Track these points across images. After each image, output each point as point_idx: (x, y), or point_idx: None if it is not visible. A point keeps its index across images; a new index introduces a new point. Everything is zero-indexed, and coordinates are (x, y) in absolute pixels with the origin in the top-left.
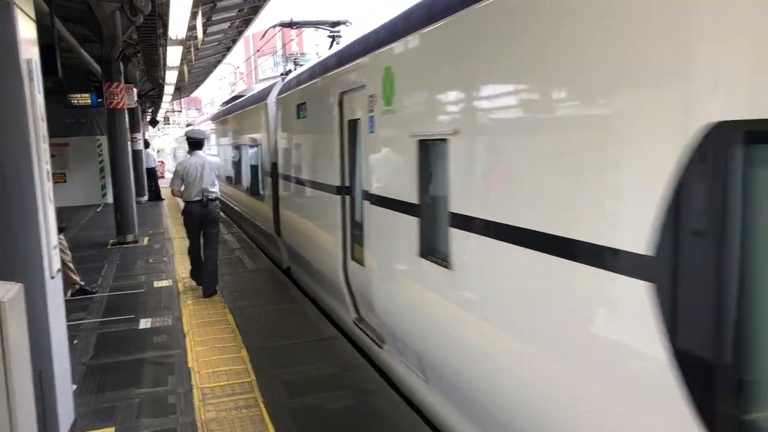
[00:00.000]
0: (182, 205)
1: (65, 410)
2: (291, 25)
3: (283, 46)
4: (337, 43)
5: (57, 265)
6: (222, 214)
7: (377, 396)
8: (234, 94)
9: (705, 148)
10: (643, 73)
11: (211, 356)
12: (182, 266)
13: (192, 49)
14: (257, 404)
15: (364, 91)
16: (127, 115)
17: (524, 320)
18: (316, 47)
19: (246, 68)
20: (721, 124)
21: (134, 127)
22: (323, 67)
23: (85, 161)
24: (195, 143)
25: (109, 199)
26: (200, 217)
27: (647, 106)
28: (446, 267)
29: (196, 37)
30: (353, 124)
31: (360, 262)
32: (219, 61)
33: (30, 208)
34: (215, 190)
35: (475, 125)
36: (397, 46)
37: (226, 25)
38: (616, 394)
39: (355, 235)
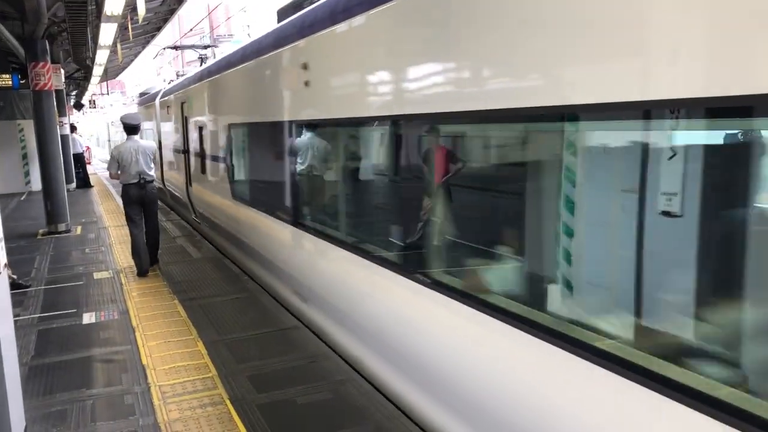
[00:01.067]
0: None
1: (16, 416)
2: (175, 47)
3: (211, 30)
4: (204, 63)
5: (4, 259)
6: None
7: (348, 386)
8: (142, 91)
9: (228, 129)
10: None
11: (166, 351)
12: (122, 256)
13: (129, 25)
14: (223, 401)
15: (187, 103)
16: (54, 98)
17: (216, 184)
18: (247, 28)
19: (173, 51)
20: (229, 124)
21: (60, 111)
22: (177, 88)
23: (5, 147)
24: (131, 128)
25: (34, 186)
26: (138, 199)
27: (222, 121)
28: (204, 174)
29: (136, 13)
30: (186, 119)
31: (191, 185)
32: (148, 42)
33: None
34: (152, 173)
35: (210, 122)
36: (188, 90)
37: (157, 3)
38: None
39: (190, 172)
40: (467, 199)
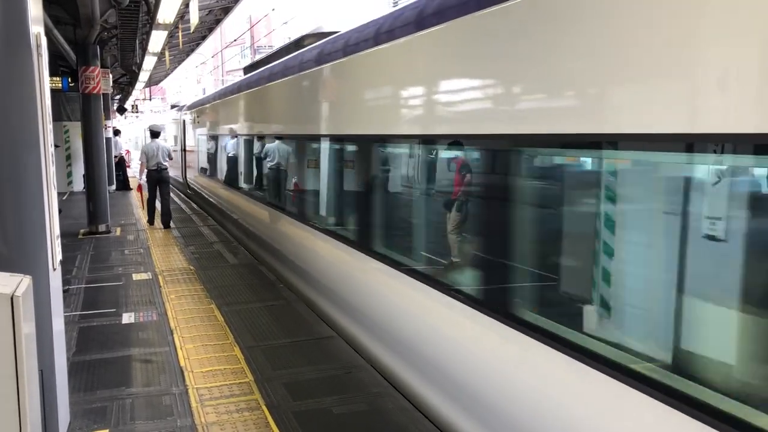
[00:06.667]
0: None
1: (63, 411)
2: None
3: (252, 43)
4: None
5: (59, 256)
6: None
7: (385, 399)
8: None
9: None
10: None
11: (204, 354)
12: (160, 259)
13: (180, 33)
14: (259, 407)
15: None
16: (102, 101)
17: None
18: (288, 40)
19: (213, 62)
20: None
21: (105, 114)
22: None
23: None
24: (155, 134)
25: (75, 187)
26: (157, 179)
27: None
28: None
29: (185, 21)
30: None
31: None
32: (192, 50)
33: (36, 194)
34: (167, 163)
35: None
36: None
37: (204, 12)
38: None
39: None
40: None
